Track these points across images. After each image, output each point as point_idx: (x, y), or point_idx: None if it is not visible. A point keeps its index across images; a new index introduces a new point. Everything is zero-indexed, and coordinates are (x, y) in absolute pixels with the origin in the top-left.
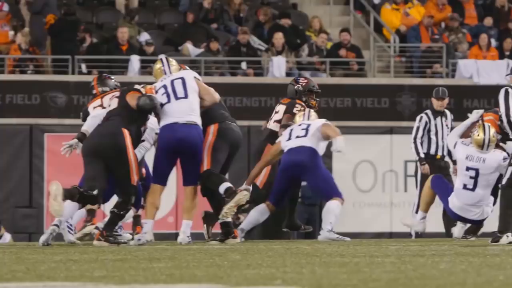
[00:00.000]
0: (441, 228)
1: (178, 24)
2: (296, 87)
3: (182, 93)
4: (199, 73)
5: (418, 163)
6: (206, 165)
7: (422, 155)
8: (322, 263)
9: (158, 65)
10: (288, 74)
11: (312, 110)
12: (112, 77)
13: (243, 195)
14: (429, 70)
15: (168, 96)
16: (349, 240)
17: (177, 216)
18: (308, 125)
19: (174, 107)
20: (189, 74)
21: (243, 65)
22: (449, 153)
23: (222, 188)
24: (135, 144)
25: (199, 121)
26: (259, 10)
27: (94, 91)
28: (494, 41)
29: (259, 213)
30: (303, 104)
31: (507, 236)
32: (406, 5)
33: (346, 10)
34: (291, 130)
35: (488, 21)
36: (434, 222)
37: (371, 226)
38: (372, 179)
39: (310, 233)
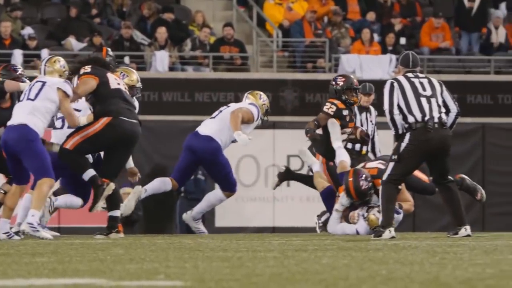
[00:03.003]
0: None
1: (61, 18)
2: (334, 86)
3: (33, 96)
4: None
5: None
6: (70, 145)
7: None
8: (205, 258)
9: (42, 63)
10: (171, 69)
11: (250, 95)
12: (19, 68)
13: (111, 188)
14: (312, 65)
15: (25, 95)
16: (206, 233)
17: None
18: (227, 107)
19: (20, 107)
20: (54, 83)
21: (126, 60)
22: (373, 149)
23: (86, 176)
24: None
25: (32, 122)
26: (142, 5)
27: None
28: (377, 36)
29: (162, 183)
30: (334, 102)
31: (389, 231)
32: (289, 0)
33: (229, 5)
34: None
35: (371, 16)
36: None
37: (253, 221)
38: (255, 173)
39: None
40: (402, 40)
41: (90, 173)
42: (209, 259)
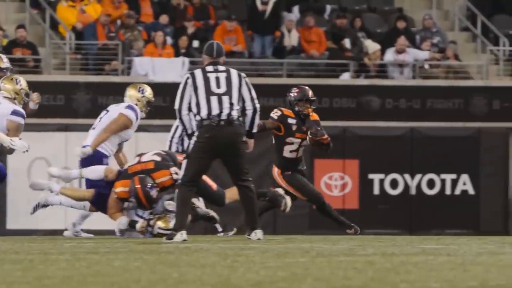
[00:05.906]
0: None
1: None
2: (288, 97)
3: None
4: None
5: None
6: None
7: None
8: None
9: None
10: None
11: (130, 88)
12: None
13: None
14: (106, 67)
15: None
16: None
17: None
18: (106, 112)
19: None
20: None
21: None
22: None
23: None
24: None
25: None
26: None
27: None
28: (169, 38)
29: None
30: (281, 109)
31: (181, 234)
32: (82, 2)
33: (22, 7)
34: None
35: (164, 18)
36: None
37: (45, 223)
38: (47, 176)
39: None
40: (195, 43)
41: None
42: (0, 261)
